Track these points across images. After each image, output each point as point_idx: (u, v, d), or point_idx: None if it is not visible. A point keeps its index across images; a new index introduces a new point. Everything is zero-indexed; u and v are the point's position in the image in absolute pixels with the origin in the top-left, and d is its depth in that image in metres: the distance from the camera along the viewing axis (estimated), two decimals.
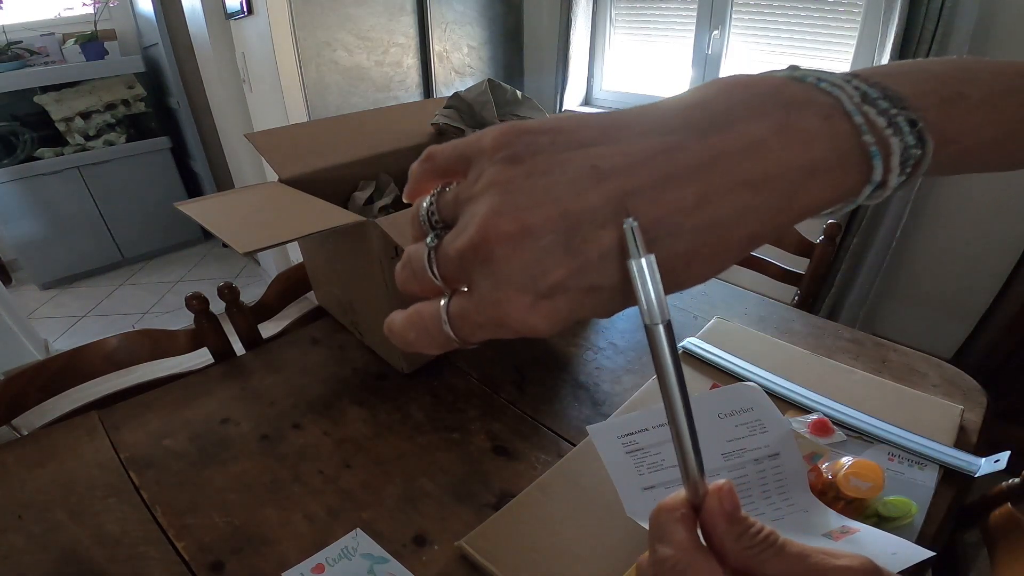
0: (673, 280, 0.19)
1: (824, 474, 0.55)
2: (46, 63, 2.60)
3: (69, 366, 0.80)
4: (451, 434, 0.71)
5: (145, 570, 0.54)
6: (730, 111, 0.19)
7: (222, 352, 0.88)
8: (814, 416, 0.65)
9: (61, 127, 2.56)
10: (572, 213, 0.18)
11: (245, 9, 1.79)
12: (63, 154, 2.58)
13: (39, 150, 2.54)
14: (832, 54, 1.66)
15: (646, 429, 0.43)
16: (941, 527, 0.56)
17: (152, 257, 3.02)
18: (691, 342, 0.81)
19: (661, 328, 0.19)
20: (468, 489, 0.63)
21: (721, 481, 0.20)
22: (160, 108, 2.88)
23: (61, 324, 2.46)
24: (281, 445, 0.69)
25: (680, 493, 0.21)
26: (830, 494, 0.54)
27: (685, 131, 0.19)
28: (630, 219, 0.18)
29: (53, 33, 2.63)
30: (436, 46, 2.04)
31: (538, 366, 0.83)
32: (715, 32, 1.85)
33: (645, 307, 0.19)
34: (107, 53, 2.67)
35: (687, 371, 0.77)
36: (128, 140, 2.75)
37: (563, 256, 0.18)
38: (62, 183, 2.60)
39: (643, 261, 0.18)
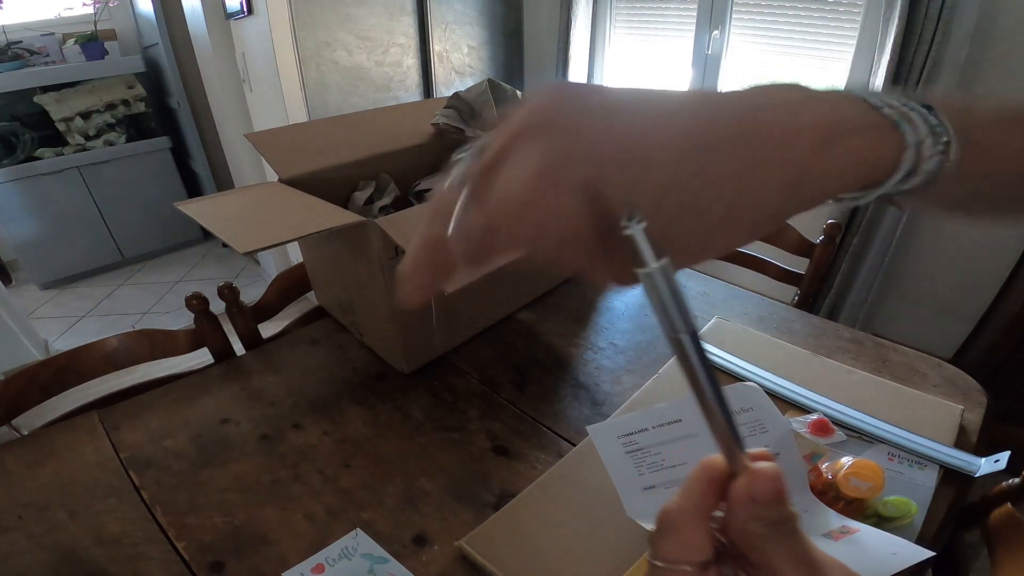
0: (707, 246, 0.19)
1: (824, 474, 0.55)
2: (46, 63, 2.60)
3: (69, 366, 0.80)
4: (451, 434, 0.71)
5: (145, 570, 0.54)
6: (758, 103, 0.20)
7: (222, 352, 0.88)
8: (814, 416, 0.65)
9: (61, 127, 2.56)
10: (620, 133, 0.18)
11: (245, 9, 1.79)
12: (63, 154, 2.58)
13: (39, 150, 2.54)
14: (832, 54, 1.66)
15: (646, 429, 0.43)
16: (941, 527, 0.56)
17: (152, 257, 3.02)
18: None
19: (687, 337, 0.17)
20: (468, 489, 0.63)
21: (767, 466, 0.20)
22: (160, 108, 2.88)
23: (61, 324, 2.45)
24: (281, 445, 0.69)
25: (718, 460, 0.21)
26: (830, 494, 0.54)
27: (718, 107, 0.19)
28: (635, 220, 0.16)
29: (53, 33, 2.63)
30: (436, 46, 2.04)
31: (538, 366, 0.83)
32: (715, 32, 1.85)
33: (666, 317, 0.17)
34: (107, 53, 2.67)
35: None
36: (128, 140, 2.75)
37: (600, 162, 0.17)
38: (62, 183, 2.60)
39: (656, 266, 0.16)
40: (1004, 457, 0.58)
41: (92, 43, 2.61)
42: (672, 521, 0.20)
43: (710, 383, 0.19)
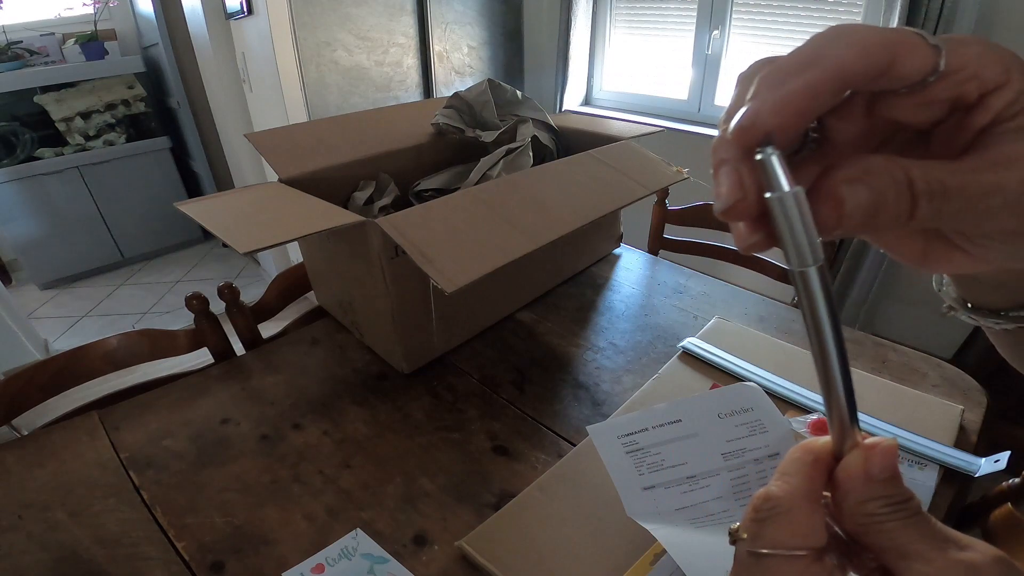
0: None
1: None
2: (46, 63, 2.60)
3: (69, 366, 0.80)
4: (451, 434, 0.71)
5: (145, 570, 0.54)
6: None
7: (222, 352, 0.88)
8: (814, 416, 0.65)
9: (61, 127, 2.56)
10: None
11: (245, 9, 1.79)
12: (63, 154, 2.58)
13: (39, 150, 2.53)
14: None
15: (646, 429, 0.43)
16: None
17: (152, 257, 3.02)
18: (691, 342, 0.81)
19: (814, 271, 0.17)
20: (468, 489, 0.63)
21: (885, 439, 0.19)
22: (160, 108, 2.88)
23: (61, 324, 2.45)
24: (281, 445, 0.69)
25: (821, 440, 0.20)
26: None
27: None
28: (768, 148, 0.16)
29: (53, 33, 2.63)
30: (436, 46, 2.04)
31: (538, 366, 0.83)
32: (715, 32, 1.85)
33: (793, 247, 0.16)
34: (107, 53, 2.67)
35: (688, 372, 0.77)
36: (128, 140, 2.75)
37: None
38: (62, 183, 2.59)
39: (789, 191, 0.16)
40: (1004, 457, 0.58)
41: (92, 43, 2.61)
42: (779, 504, 0.19)
43: (833, 329, 0.17)
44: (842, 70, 0.17)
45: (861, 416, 0.70)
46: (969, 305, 0.27)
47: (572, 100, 2.24)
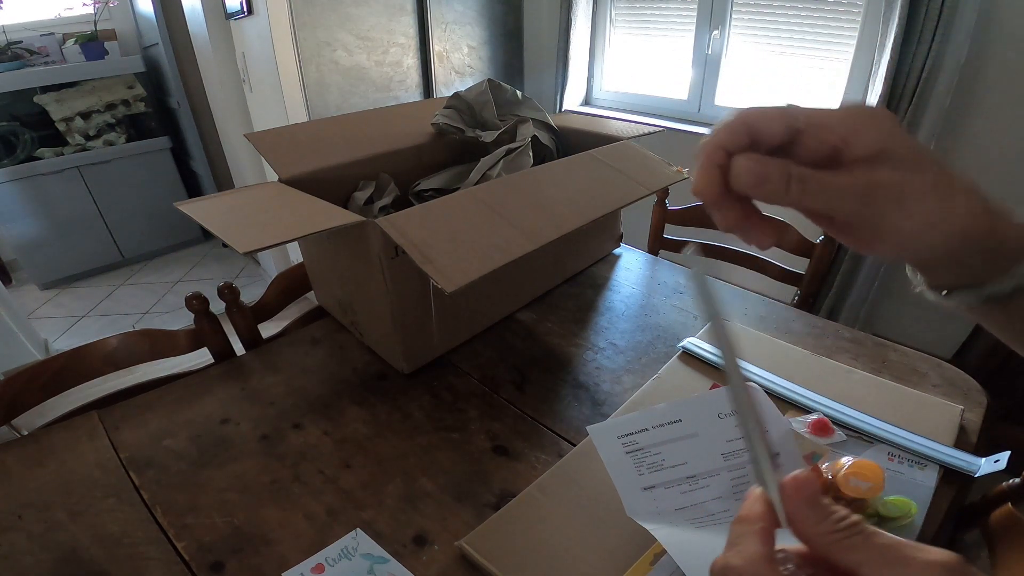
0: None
1: (824, 474, 0.55)
2: (46, 63, 2.60)
3: (69, 366, 0.80)
4: (451, 434, 0.71)
5: (145, 570, 0.54)
6: None
7: (222, 352, 0.88)
8: (814, 416, 0.65)
9: (61, 127, 2.56)
10: None
11: (245, 9, 1.79)
12: (63, 154, 2.58)
13: (39, 150, 2.54)
14: (832, 54, 1.66)
15: (646, 429, 0.43)
16: (941, 527, 0.56)
17: (152, 257, 3.02)
18: (691, 342, 0.81)
19: (717, 322, 0.24)
20: (468, 489, 0.63)
21: (799, 471, 0.22)
22: (160, 108, 2.88)
23: (61, 324, 2.45)
24: (281, 445, 0.69)
25: (756, 504, 0.23)
26: (830, 494, 0.54)
27: None
28: (690, 249, 0.25)
29: (53, 33, 2.63)
30: (436, 46, 2.04)
31: (538, 366, 0.83)
32: (715, 32, 1.85)
33: (704, 304, 0.25)
34: (107, 53, 2.67)
35: (688, 372, 0.77)
36: (128, 140, 2.75)
37: None
38: (62, 183, 2.60)
39: (697, 270, 0.25)
40: (1004, 457, 0.58)
41: (92, 43, 2.61)
42: (744, 571, 0.21)
43: (732, 361, 0.24)
44: (720, 146, 0.25)
45: (862, 416, 0.70)
46: (930, 286, 0.32)
47: (572, 100, 2.24)
